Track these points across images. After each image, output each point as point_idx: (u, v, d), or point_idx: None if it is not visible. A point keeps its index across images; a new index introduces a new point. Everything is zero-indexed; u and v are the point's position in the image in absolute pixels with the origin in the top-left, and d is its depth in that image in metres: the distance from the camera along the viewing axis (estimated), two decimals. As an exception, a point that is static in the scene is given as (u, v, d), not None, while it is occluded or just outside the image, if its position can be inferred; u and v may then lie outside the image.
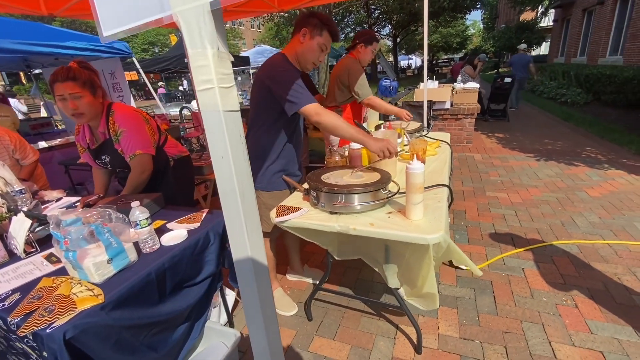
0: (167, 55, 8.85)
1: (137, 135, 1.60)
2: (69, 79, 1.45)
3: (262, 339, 0.62)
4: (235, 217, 0.50)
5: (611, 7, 10.28)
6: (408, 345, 1.63)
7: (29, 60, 4.88)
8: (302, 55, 1.57)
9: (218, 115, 0.45)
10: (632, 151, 4.34)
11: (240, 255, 0.57)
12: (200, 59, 0.43)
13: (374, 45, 2.45)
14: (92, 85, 1.52)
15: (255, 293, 0.58)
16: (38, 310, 0.90)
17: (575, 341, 1.58)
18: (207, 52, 0.43)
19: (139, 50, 25.36)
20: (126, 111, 1.62)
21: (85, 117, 1.53)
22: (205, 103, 0.45)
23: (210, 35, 0.42)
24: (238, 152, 0.47)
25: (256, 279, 0.57)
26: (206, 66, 0.43)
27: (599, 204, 2.93)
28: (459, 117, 5.22)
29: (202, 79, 0.44)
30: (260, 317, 0.60)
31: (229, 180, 0.48)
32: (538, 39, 18.28)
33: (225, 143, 0.45)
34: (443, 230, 1.18)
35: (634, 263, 2.10)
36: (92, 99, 1.51)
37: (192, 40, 0.43)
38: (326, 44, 1.57)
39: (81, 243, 1.01)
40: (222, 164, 0.48)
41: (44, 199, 1.87)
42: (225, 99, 0.44)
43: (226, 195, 0.50)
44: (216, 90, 0.43)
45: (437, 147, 2.27)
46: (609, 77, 7.46)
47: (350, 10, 20.24)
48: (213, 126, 0.46)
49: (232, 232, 0.54)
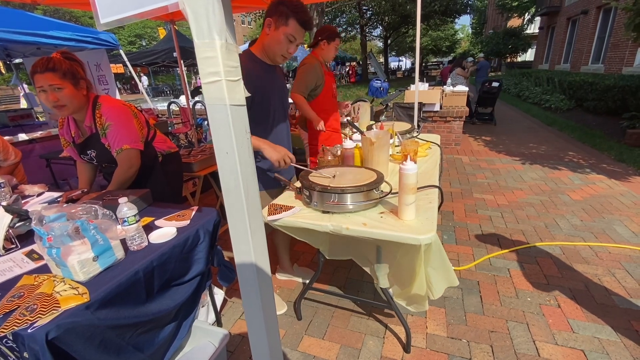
0: (155, 48, 8.67)
1: (124, 129, 1.55)
2: (48, 70, 1.38)
3: (263, 337, 0.61)
4: (238, 214, 0.49)
5: (594, 17, 10.64)
6: (397, 344, 1.64)
7: (9, 49, 4.69)
8: (269, 48, 1.49)
9: (224, 109, 0.43)
10: (612, 157, 4.50)
11: (243, 252, 0.55)
12: (208, 50, 0.41)
13: (336, 41, 2.36)
14: (73, 76, 1.45)
15: (257, 291, 0.57)
16: (19, 310, 0.86)
17: (558, 340, 1.62)
18: (215, 43, 0.41)
19: (126, 43, 24.75)
20: (114, 104, 1.56)
21: (67, 109, 1.47)
22: (212, 96, 0.43)
23: (219, 26, 0.40)
24: (243, 147, 0.45)
25: (258, 276, 0.56)
26: (214, 58, 0.41)
27: (580, 207, 3.02)
28: (448, 120, 5.30)
29: (209, 71, 0.42)
30: (261, 315, 0.59)
31: (233, 177, 0.46)
32: (524, 45, 18.74)
33: (231, 138, 0.43)
34: (435, 230, 1.19)
35: (613, 264, 2.17)
36: (73, 90, 1.45)
37: (199, 30, 0.40)
38: (294, 34, 1.45)
39: (65, 240, 0.97)
40: (226, 160, 0.46)
41: (24, 193, 1.80)
42: (232, 92, 0.42)
43: (230, 192, 0.48)
44: (223, 83, 0.42)
45: (427, 148, 2.29)
46: (591, 85, 7.71)
47: (342, 10, 20.28)
48: (219, 120, 0.44)
49: (234, 230, 0.53)
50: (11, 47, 4.61)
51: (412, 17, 18.81)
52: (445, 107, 5.34)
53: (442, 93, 5.47)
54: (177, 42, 4.02)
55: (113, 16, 0.42)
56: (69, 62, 1.44)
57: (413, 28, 21.64)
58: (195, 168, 2.36)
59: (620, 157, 4.41)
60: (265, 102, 1.59)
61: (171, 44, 7.46)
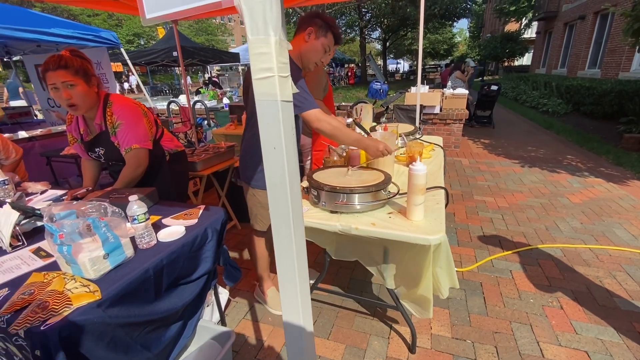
0: (155, 47, 8.63)
1: (135, 128, 1.55)
2: (61, 67, 1.38)
3: (298, 326, 0.61)
4: (282, 209, 0.49)
5: (591, 22, 10.75)
6: (402, 344, 1.64)
7: (8, 46, 4.65)
8: (306, 55, 1.57)
9: (275, 105, 0.43)
10: (610, 160, 4.54)
11: (285, 247, 0.55)
12: (262, 46, 0.41)
13: (336, 46, 2.45)
14: (85, 73, 1.45)
15: (297, 290, 0.57)
16: (30, 307, 0.85)
17: (562, 341, 1.63)
18: (270, 39, 0.41)
19: (124, 42, 24.62)
20: (125, 103, 1.56)
21: (80, 107, 1.47)
22: (263, 92, 0.43)
23: (275, 22, 0.40)
24: (290, 143, 0.45)
25: (299, 275, 0.56)
26: (268, 54, 0.41)
27: (580, 210, 3.05)
28: (448, 122, 5.33)
29: (262, 67, 0.42)
30: (298, 304, 0.59)
31: (279, 172, 0.46)
32: (521, 50, 18.89)
33: (280, 134, 0.43)
34: (444, 231, 1.19)
35: (614, 267, 2.19)
36: (86, 87, 1.45)
37: (254, 27, 0.40)
38: (330, 46, 1.58)
39: (76, 237, 0.96)
40: (274, 155, 0.46)
41: (28, 191, 1.78)
42: (283, 89, 0.42)
43: (275, 187, 0.48)
44: (276, 79, 0.42)
45: (431, 150, 2.30)
46: (588, 89, 7.79)
47: (342, 11, 20.35)
48: (268, 116, 0.44)
49: (277, 224, 0.53)
50: (11, 44, 4.58)
51: (411, 20, 18.92)
52: (445, 110, 5.37)
53: (442, 96, 5.50)
54: (179, 41, 4.01)
55: (160, 11, 0.41)
56: (81, 60, 1.44)
57: (412, 31, 21.77)
58: (199, 167, 2.35)
59: (617, 160, 4.46)
60: None
61: (171, 43, 7.44)
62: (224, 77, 17.27)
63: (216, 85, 11.52)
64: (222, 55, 9.15)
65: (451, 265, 1.29)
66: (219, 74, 19.43)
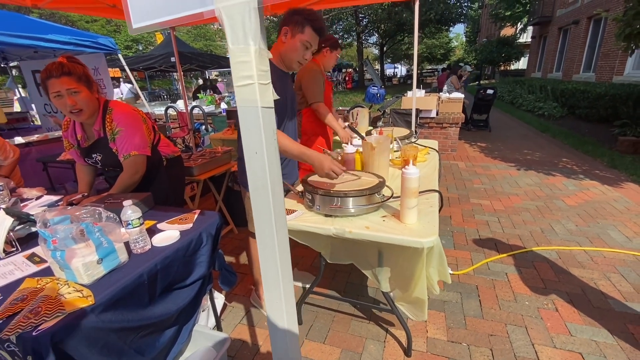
0: (153, 53, 8.68)
1: (134, 135, 1.56)
2: (64, 74, 1.38)
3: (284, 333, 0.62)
4: (265, 213, 0.50)
5: (585, 27, 10.89)
6: (398, 348, 1.64)
7: (5, 52, 4.67)
8: (285, 55, 1.53)
9: (256, 111, 0.44)
10: (604, 163, 4.58)
11: (268, 250, 0.56)
12: (242, 55, 0.42)
13: (338, 50, 2.41)
14: (87, 79, 1.47)
15: (280, 289, 0.58)
16: (23, 312, 0.85)
17: (557, 343, 1.63)
18: (250, 48, 0.42)
19: (122, 47, 24.69)
20: (125, 110, 1.57)
21: (84, 113, 1.48)
22: (244, 99, 0.44)
23: (254, 32, 0.41)
24: (272, 148, 0.46)
25: (282, 272, 0.57)
26: (248, 62, 0.43)
27: (575, 213, 3.07)
28: (444, 126, 5.36)
29: (243, 75, 0.43)
30: (283, 315, 0.59)
31: (261, 176, 0.47)
32: (517, 54, 19.07)
33: (261, 139, 0.45)
34: (437, 234, 1.20)
35: (608, 269, 2.21)
36: (89, 94, 1.47)
37: (234, 36, 0.42)
38: (310, 41, 1.49)
39: (69, 242, 0.96)
40: (255, 160, 0.47)
41: (23, 196, 1.78)
42: (263, 95, 0.44)
43: (257, 191, 0.49)
44: (256, 86, 0.43)
45: (426, 153, 2.32)
46: (583, 93, 7.87)
47: (340, 17, 20.52)
48: (250, 122, 0.45)
49: (260, 229, 0.54)
50: (8, 50, 4.59)
51: (408, 25, 19.06)
52: (442, 114, 5.41)
53: (439, 100, 5.54)
54: (177, 47, 4.04)
55: (146, 21, 0.43)
56: (82, 67, 1.46)
57: (408, 36, 21.95)
58: (196, 172, 2.36)
59: (612, 163, 4.50)
60: (281, 108, 1.61)
61: (168, 48, 7.48)
62: (222, 82, 17.34)
63: (216, 90, 11.54)
64: (220, 61, 9.20)
65: (444, 264, 1.31)
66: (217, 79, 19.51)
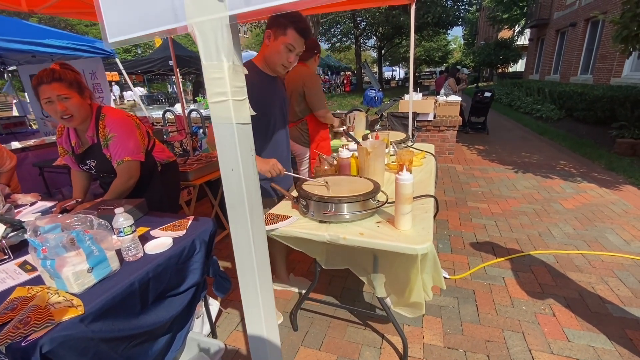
0: (151, 57, 8.69)
1: (127, 141, 1.55)
2: (55, 80, 1.39)
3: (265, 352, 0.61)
4: (242, 230, 0.49)
5: (582, 29, 10.94)
6: (394, 354, 1.63)
7: (3, 56, 4.67)
8: (270, 58, 1.53)
9: (230, 128, 0.44)
10: (602, 165, 4.58)
11: (246, 267, 0.55)
12: (216, 71, 0.42)
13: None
14: (79, 85, 1.47)
15: (259, 306, 0.57)
16: (12, 322, 0.84)
17: (554, 349, 1.62)
18: (223, 65, 0.41)
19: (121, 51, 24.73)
20: (118, 116, 1.57)
21: (75, 119, 1.48)
22: (218, 115, 0.44)
23: (227, 49, 0.40)
24: (248, 164, 0.46)
25: (261, 290, 0.56)
26: (221, 79, 0.42)
27: (573, 216, 3.06)
28: (442, 129, 5.37)
29: (216, 91, 0.43)
30: (263, 330, 0.59)
31: (238, 193, 0.47)
32: (515, 56, 19.15)
33: (237, 155, 0.44)
34: (431, 240, 1.20)
35: (606, 273, 2.20)
36: (80, 99, 1.47)
37: (207, 53, 0.42)
38: (293, 43, 1.47)
39: (60, 251, 0.96)
40: (231, 177, 0.46)
41: (17, 202, 1.77)
42: (238, 112, 0.43)
43: (234, 208, 0.48)
44: (230, 102, 0.42)
45: (422, 157, 2.32)
46: (581, 95, 7.89)
47: (337, 20, 20.59)
48: (224, 138, 0.44)
49: (238, 245, 0.53)
50: (6, 55, 4.60)
51: (405, 28, 19.14)
52: (439, 117, 5.41)
53: (436, 103, 5.55)
54: (174, 51, 4.04)
55: (121, 36, 0.43)
56: (73, 73, 1.46)
57: (406, 39, 22.03)
58: (191, 177, 2.35)
59: (610, 165, 4.50)
60: (265, 113, 1.61)
61: (167, 52, 7.50)
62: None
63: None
64: (218, 64, 9.20)
65: (438, 270, 1.30)
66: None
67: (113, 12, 0.42)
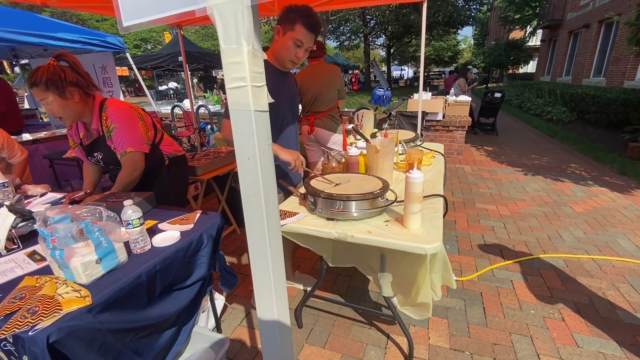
0: (161, 52, 8.74)
1: (129, 132, 1.55)
2: (33, 86, 1.37)
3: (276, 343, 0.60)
4: (257, 221, 0.48)
5: (596, 31, 10.73)
6: (399, 354, 1.61)
7: (16, 50, 4.73)
8: (279, 54, 1.52)
9: (249, 115, 0.42)
10: (614, 170, 4.49)
11: (260, 259, 0.54)
12: (235, 55, 0.40)
13: None
14: (56, 85, 1.37)
15: (272, 300, 0.56)
16: (20, 311, 0.85)
17: (563, 354, 1.59)
18: (243, 49, 0.40)
19: (131, 46, 24.97)
20: (119, 107, 1.56)
21: (65, 119, 1.49)
22: (236, 101, 0.43)
23: (247, 32, 0.39)
24: (265, 154, 0.44)
25: (274, 279, 0.55)
26: (240, 63, 0.41)
27: (583, 220, 3.01)
28: (450, 129, 5.31)
29: (235, 77, 0.41)
30: (276, 324, 0.58)
31: (254, 184, 0.45)
32: (526, 57, 18.89)
33: (254, 144, 0.43)
34: (441, 240, 1.18)
35: (617, 278, 2.15)
36: (60, 100, 1.40)
37: (226, 36, 0.40)
38: (301, 39, 1.45)
39: (69, 241, 0.96)
40: (248, 166, 0.45)
41: (27, 193, 1.79)
42: (257, 98, 0.42)
43: (249, 199, 0.47)
44: (249, 88, 0.41)
45: (431, 157, 2.29)
46: (593, 98, 7.74)
47: (347, 18, 20.51)
48: (242, 126, 0.43)
49: (252, 236, 0.52)
50: (18, 48, 4.65)
51: (415, 27, 19.00)
52: (448, 117, 5.36)
53: (445, 102, 5.49)
54: (183, 46, 4.05)
55: (136, 19, 0.41)
56: (50, 71, 1.36)
57: (416, 38, 21.85)
58: (199, 172, 2.35)
59: (622, 170, 4.41)
60: (275, 108, 1.60)
61: (176, 48, 7.52)
62: (228, 82, 17.37)
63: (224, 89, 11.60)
64: (227, 61, 9.22)
65: (448, 270, 1.28)
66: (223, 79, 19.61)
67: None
